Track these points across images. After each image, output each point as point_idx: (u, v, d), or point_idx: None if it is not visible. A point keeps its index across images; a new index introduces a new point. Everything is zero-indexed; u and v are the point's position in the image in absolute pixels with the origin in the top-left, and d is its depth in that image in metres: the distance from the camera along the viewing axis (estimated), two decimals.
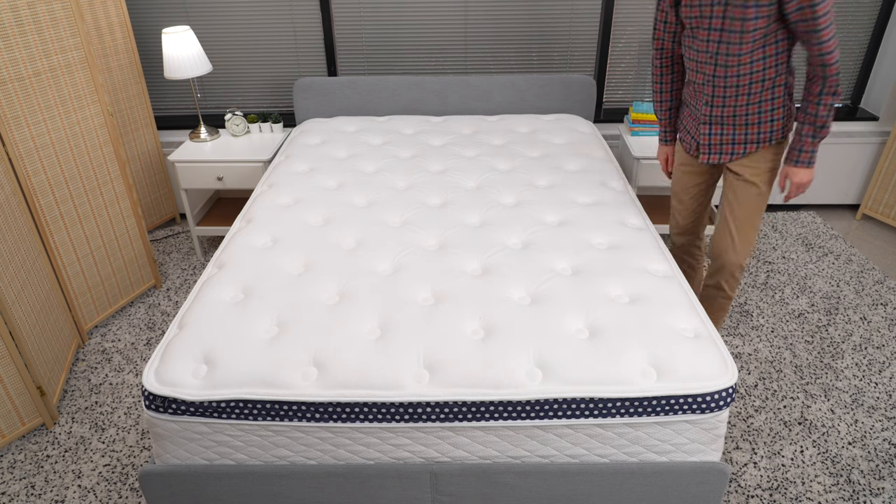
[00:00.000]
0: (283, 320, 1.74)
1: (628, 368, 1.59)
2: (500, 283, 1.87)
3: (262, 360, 1.61)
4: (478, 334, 1.69)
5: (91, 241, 2.68)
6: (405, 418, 1.58)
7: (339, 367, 1.59)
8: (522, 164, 2.68)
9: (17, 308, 2.16)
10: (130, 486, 2.07)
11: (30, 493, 2.06)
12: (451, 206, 2.32)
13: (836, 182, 3.62)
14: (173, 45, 2.97)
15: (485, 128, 3.07)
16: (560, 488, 1.66)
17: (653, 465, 1.63)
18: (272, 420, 1.59)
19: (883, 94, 3.42)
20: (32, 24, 2.28)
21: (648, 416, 1.57)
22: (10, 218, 2.19)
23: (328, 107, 3.29)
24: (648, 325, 1.69)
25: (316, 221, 2.26)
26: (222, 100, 3.52)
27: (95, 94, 2.56)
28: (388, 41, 3.36)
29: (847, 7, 3.30)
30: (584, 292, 1.82)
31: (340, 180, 2.56)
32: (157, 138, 3.41)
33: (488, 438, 1.61)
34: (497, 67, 3.44)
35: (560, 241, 2.09)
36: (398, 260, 2.00)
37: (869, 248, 3.32)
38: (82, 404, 2.41)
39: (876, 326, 2.72)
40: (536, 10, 3.27)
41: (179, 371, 1.61)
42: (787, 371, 2.49)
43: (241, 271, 1.95)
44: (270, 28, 3.32)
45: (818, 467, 2.09)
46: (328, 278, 1.91)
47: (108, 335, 2.77)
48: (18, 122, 2.30)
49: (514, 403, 1.56)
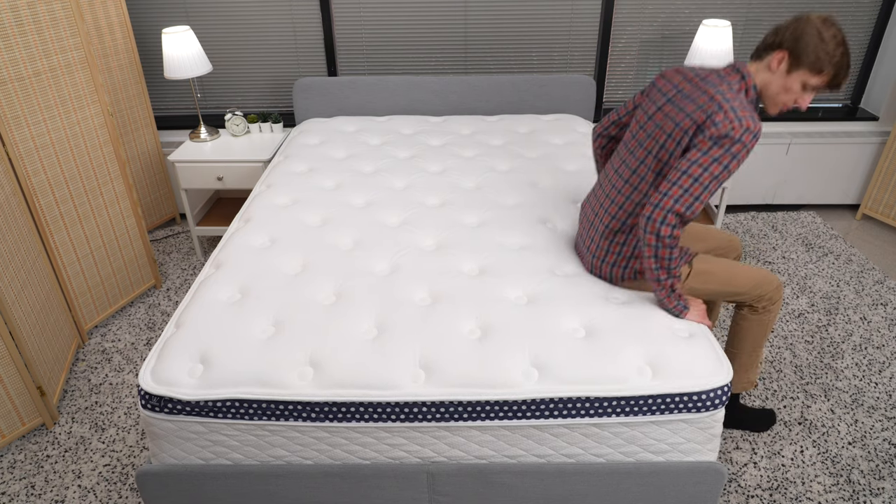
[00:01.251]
0: (280, 320, 1.74)
1: (624, 367, 1.59)
2: (497, 283, 1.87)
3: (259, 360, 1.61)
4: (474, 334, 1.69)
5: (91, 241, 2.69)
6: (401, 418, 1.58)
7: (336, 367, 1.60)
8: (522, 164, 2.68)
9: (17, 308, 2.17)
10: (130, 486, 2.08)
11: (30, 493, 2.07)
12: (450, 207, 2.32)
13: (836, 182, 3.61)
14: (173, 45, 2.98)
15: (484, 128, 3.07)
16: (556, 488, 1.66)
17: (649, 464, 1.63)
18: (268, 420, 1.59)
19: (883, 94, 3.41)
20: (32, 24, 2.29)
21: (644, 416, 1.57)
22: (10, 218, 2.20)
23: (328, 107, 3.29)
24: (644, 325, 1.69)
25: (314, 221, 2.26)
26: (222, 100, 3.53)
27: (95, 94, 2.56)
28: (388, 41, 3.37)
29: (847, 7, 3.29)
30: (580, 292, 1.82)
31: (339, 180, 2.56)
32: (157, 138, 3.42)
33: (484, 438, 1.61)
34: (497, 67, 3.44)
35: (558, 241, 2.09)
36: (395, 260, 2.00)
37: (869, 248, 3.31)
38: (82, 404, 2.42)
39: (876, 326, 2.71)
40: (536, 10, 3.27)
41: (176, 370, 1.62)
42: (787, 371, 2.49)
43: (238, 271, 1.95)
44: (270, 28, 3.32)
45: (818, 467, 2.09)
46: (325, 278, 1.91)
47: (108, 335, 2.78)
48: (18, 122, 2.31)
49: (510, 403, 1.56)
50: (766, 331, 2.01)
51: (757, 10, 3.30)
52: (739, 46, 3.39)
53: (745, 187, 3.63)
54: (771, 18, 3.32)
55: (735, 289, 1.90)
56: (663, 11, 3.28)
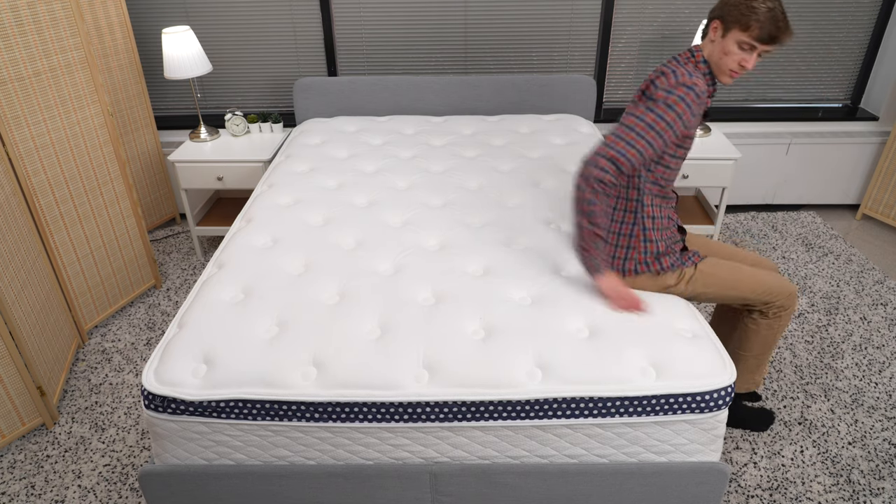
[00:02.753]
0: (283, 320, 1.74)
1: (628, 368, 1.59)
2: (500, 283, 1.87)
3: (262, 360, 1.61)
4: (478, 334, 1.69)
5: (91, 241, 2.68)
6: (405, 418, 1.58)
7: (339, 367, 1.59)
8: (524, 164, 2.68)
9: (17, 308, 2.16)
10: (130, 486, 2.07)
11: (30, 493, 2.06)
12: (452, 207, 2.32)
13: (836, 182, 3.62)
14: (173, 45, 2.97)
15: (485, 128, 3.07)
16: (559, 488, 1.66)
17: (652, 465, 1.63)
18: (272, 420, 1.59)
19: (883, 94, 3.42)
20: (32, 24, 2.28)
21: (647, 416, 1.57)
22: (10, 218, 2.19)
23: (328, 107, 3.29)
24: (647, 326, 1.69)
25: (316, 221, 2.26)
26: (222, 100, 3.52)
27: (95, 94, 2.56)
28: (388, 41, 3.36)
29: (847, 7, 3.30)
30: (584, 292, 1.82)
31: (341, 180, 2.56)
32: (157, 138, 3.41)
33: (488, 438, 1.61)
34: (497, 67, 3.44)
35: (561, 242, 2.09)
36: (398, 260, 2.00)
37: (869, 248, 3.31)
38: (82, 404, 2.41)
39: (876, 326, 2.72)
40: (536, 10, 3.27)
41: (179, 371, 1.61)
42: (787, 371, 2.49)
43: (241, 271, 1.95)
44: (270, 28, 3.32)
45: (818, 467, 2.09)
46: (328, 278, 1.91)
47: (108, 335, 2.77)
48: (18, 122, 2.30)
49: (513, 403, 1.56)
50: (777, 336, 2.00)
51: None
52: None
53: (745, 187, 3.64)
54: None
55: (739, 293, 1.89)
56: (663, 11, 3.28)
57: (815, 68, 3.47)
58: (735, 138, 3.46)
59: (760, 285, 1.89)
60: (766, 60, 3.43)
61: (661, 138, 1.65)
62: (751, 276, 1.89)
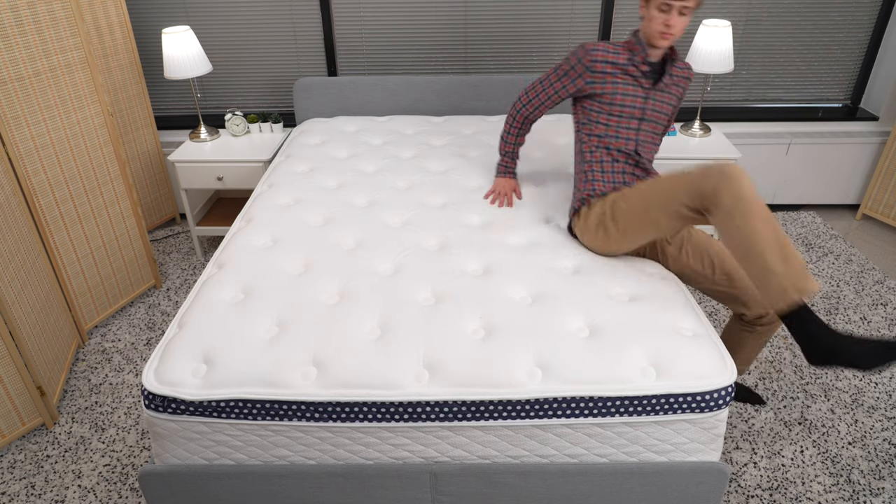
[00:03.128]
0: (283, 320, 1.74)
1: (628, 367, 1.59)
2: (500, 283, 1.87)
3: (262, 360, 1.61)
4: (478, 334, 1.69)
5: (91, 241, 2.69)
6: (405, 418, 1.58)
7: (339, 367, 1.59)
8: (525, 164, 2.68)
9: (17, 308, 2.16)
10: (130, 486, 2.07)
11: (30, 493, 2.06)
12: (453, 207, 2.32)
13: (836, 182, 3.62)
14: (173, 45, 2.97)
15: (486, 128, 3.07)
16: (560, 488, 1.66)
17: (652, 464, 1.63)
18: (272, 420, 1.59)
19: (883, 94, 3.42)
20: (32, 24, 2.28)
21: (648, 416, 1.57)
22: (10, 218, 2.19)
23: (328, 107, 3.29)
24: (648, 325, 1.69)
25: (316, 221, 2.26)
26: (222, 100, 3.52)
27: (95, 94, 2.56)
28: (388, 41, 3.37)
29: (847, 7, 3.30)
30: (584, 292, 1.82)
31: (341, 180, 2.56)
32: (157, 138, 3.41)
33: (488, 438, 1.61)
34: (497, 67, 3.44)
35: (561, 241, 2.09)
36: (398, 260, 2.00)
37: (869, 248, 3.32)
38: (82, 404, 2.41)
39: (876, 326, 2.72)
40: (536, 10, 3.27)
41: (179, 370, 1.61)
42: (787, 371, 2.49)
43: (241, 271, 1.95)
44: (270, 28, 3.32)
45: (818, 467, 2.09)
46: (328, 278, 1.91)
47: (108, 335, 2.77)
48: (18, 122, 2.30)
49: (513, 402, 1.56)
50: (766, 342, 2.06)
51: (757, 10, 3.31)
52: (739, 46, 3.40)
53: None
54: (771, 18, 3.33)
55: (667, 199, 1.77)
56: None
57: (815, 68, 3.48)
58: (735, 138, 3.47)
59: (677, 187, 1.75)
60: (766, 60, 3.43)
61: (549, 81, 2.13)
62: (672, 176, 1.79)
